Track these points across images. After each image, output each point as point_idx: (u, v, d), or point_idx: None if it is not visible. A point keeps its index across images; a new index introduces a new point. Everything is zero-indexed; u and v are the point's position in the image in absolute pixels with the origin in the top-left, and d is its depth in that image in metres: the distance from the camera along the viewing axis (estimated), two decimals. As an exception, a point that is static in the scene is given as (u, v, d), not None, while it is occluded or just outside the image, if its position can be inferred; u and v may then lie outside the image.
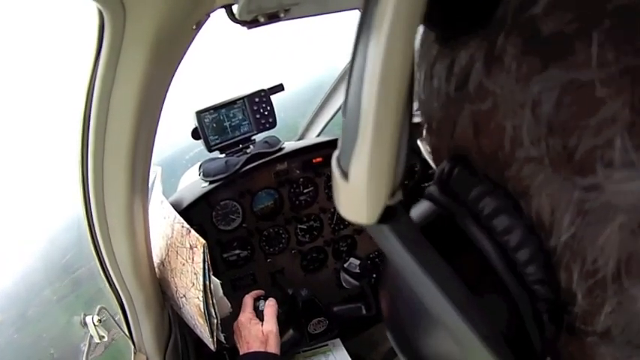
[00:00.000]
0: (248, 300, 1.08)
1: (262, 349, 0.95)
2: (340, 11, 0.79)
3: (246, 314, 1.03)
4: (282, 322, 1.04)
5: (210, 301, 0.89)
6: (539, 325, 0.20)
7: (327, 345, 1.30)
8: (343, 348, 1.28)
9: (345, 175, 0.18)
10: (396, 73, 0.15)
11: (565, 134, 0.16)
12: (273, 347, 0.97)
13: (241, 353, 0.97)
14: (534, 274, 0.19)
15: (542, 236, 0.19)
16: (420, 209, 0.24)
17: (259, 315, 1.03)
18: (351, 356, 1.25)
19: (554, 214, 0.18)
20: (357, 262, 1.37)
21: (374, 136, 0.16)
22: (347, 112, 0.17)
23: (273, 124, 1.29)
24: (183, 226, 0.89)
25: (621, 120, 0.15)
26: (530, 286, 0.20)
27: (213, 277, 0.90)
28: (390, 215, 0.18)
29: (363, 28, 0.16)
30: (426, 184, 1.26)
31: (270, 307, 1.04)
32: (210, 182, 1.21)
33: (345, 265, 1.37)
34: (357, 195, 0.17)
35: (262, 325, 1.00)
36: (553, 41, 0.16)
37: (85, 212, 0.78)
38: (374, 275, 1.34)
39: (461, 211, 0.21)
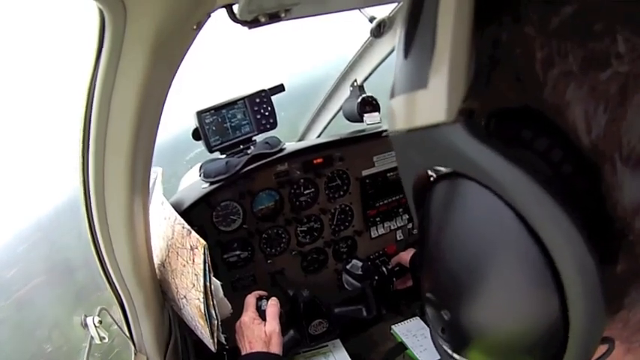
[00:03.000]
0: (250, 299, 1.07)
1: (265, 350, 0.95)
2: (340, 11, 0.79)
3: (249, 314, 1.02)
4: (283, 323, 1.04)
5: (211, 302, 0.89)
6: (596, 241, 0.21)
7: (327, 345, 1.30)
8: (343, 348, 1.28)
9: (422, 86, 0.22)
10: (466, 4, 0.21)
11: (583, 44, 0.21)
12: (275, 347, 0.96)
13: (243, 353, 0.97)
14: (582, 183, 0.22)
15: (581, 142, 0.22)
16: None
17: (262, 315, 1.03)
18: (350, 356, 1.25)
19: (588, 113, 0.21)
20: (360, 263, 1.36)
21: (452, 50, 0.21)
22: (414, 44, 0.23)
23: (274, 125, 1.29)
24: (183, 228, 0.89)
25: (618, 21, 0.20)
26: (581, 199, 0.22)
27: (213, 278, 0.90)
28: (463, 116, 0.22)
29: None
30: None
31: (272, 306, 1.04)
32: (211, 183, 1.21)
33: (348, 267, 1.37)
34: (436, 97, 0.22)
35: (265, 325, 1.00)
36: None
37: (85, 212, 0.78)
38: (376, 277, 1.34)
39: (505, 142, 0.24)
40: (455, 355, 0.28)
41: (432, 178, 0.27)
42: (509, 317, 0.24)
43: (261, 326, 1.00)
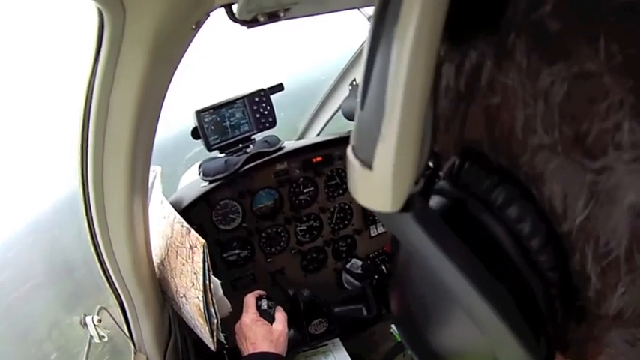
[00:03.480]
0: (250, 300, 1.06)
1: (271, 350, 0.95)
2: (339, 10, 0.79)
3: (250, 315, 1.02)
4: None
5: (210, 301, 0.89)
6: (551, 311, 0.21)
7: (326, 345, 1.30)
8: (343, 348, 1.28)
9: (367, 164, 0.18)
10: (422, 71, 0.16)
11: (576, 121, 0.17)
12: (281, 348, 0.97)
13: (245, 354, 0.96)
14: (547, 261, 0.20)
15: (554, 222, 0.19)
16: (432, 203, 0.24)
17: (263, 314, 1.03)
18: (351, 356, 1.25)
19: (567, 198, 0.18)
20: (360, 262, 1.36)
21: (400, 128, 0.17)
22: (366, 105, 0.18)
23: (273, 124, 1.29)
24: (183, 226, 0.89)
25: (627, 104, 0.16)
26: (543, 273, 0.20)
27: (213, 277, 0.90)
28: (412, 204, 0.19)
29: (384, 26, 0.16)
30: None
31: (282, 312, 1.06)
32: (210, 182, 1.21)
33: (348, 266, 1.37)
34: (381, 184, 0.18)
35: (272, 325, 1.01)
36: (561, 37, 0.17)
37: (85, 212, 0.78)
38: (376, 276, 1.34)
39: (473, 202, 0.22)
40: None
41: None
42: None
43: (266, 326, 0.99)
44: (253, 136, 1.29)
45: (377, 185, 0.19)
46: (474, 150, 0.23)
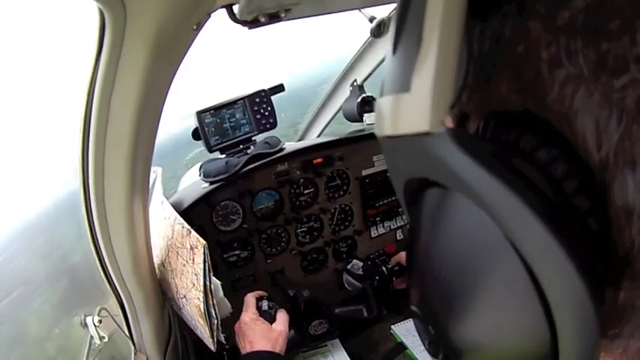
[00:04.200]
0: (251, 300, 1.07)
1: (269, 349, 0.95)
2: (340, 11, 0.79)
3: (250, 314, 1.02)
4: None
5: (211, 302, 0.89)
6: (593, 266, 0.19)
7: (326, 345, 1.30)
8: (342, 348, 1.28)
9: (404, 89, 0.20)
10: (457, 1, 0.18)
11: (597, 42, 0.18)
12: (279, 348, 0.97)
13: (244, 353, 0.96)
14: (584, 204, 0.20)
15: (589, 155, 0.19)
16: None
17: (263, 315, 1.03)
18: (350, 356, 1.25)
19: (599, 123, 0.19)
20: (361, 263, 1.37)
21: (439, 49, 0.19)
22: (403, 36, 0.21)
23: (274, 125, 1.29)
24: (183, 227, 0.89)
25: (638, 17, 0.17)
26: (581, 219, 0.20)
27: (213, 278, 0.90)
28: (451, 126, 0.20)
29: None
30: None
31: (284, 313, 1.06)
32: (211, 183, 1.21)
33: (348, 267, 1.37)
34: (419, 99, 0.20)
35: (272, 324, 1.01)
36: None
37: (85, 212, 0.78)
38: (376, 277, 1.34)
39: (502, 149, 0.21)
40: None
41: (421, 184, 0.25)
42: (496, 342, 0.23)
43: (265, 325, 1.00)
44: (254, 137, 1.29)
45: (415, 103, 0.20)
46: (499, 111, 0.23)
